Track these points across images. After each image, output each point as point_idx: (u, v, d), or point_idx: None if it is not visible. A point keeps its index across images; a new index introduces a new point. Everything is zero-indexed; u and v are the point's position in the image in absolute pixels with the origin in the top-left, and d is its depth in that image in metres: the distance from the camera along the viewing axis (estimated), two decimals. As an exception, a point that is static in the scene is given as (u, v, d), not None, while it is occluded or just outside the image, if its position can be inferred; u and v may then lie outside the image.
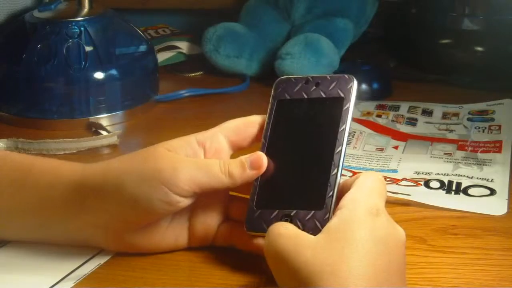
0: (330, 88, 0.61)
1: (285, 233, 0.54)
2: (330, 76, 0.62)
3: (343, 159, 0.59)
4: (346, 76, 0.62)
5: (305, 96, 0.62)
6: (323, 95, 0.61)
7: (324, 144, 0.60)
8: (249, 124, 0.62)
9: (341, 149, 0.59)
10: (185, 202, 0.59)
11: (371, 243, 0.52)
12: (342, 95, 0.61)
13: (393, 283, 0.51)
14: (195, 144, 0.61)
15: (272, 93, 0.63)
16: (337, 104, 0.61)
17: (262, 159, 0.60)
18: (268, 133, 0.62)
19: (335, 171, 0.58)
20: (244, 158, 0.60)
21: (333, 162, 0.58)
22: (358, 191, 0.56)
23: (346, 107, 0.60)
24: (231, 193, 0.64)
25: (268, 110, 0.63)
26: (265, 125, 0.62)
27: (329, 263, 0.50)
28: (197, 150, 0.61)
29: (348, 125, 0.60)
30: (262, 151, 0.61)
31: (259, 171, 0.60)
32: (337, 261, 0.50)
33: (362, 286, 0.49)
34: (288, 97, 0.63)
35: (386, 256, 0.52)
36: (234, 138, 0.62)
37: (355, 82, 0.61)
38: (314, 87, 0.62)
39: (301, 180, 0.60)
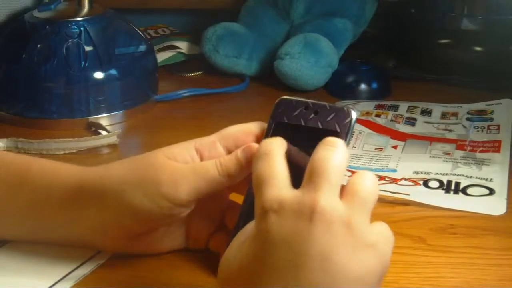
0: (328, 119, 0.58)
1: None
2: (329, 106, 0.58)
3: None
4: (345, 109, 0.58)
5: (302, 123, 0.59)
6: (320, 126, 0.58)
7: None
8: (248, 133, 0.61)
9: None
10: (187, 210, 0.60)
11: None
12: (338, 129, 0.57)
13: None
14: (193, 152, 0.61)
15: (272, 112, 0.60)
16: None
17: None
18: None
19: None
20: (239, 152, 0.59)
21: None
22: None
23: None
24: (231, 197, 0.65)
25: (266, 129, 0.60)
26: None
27: None
28: (195, 158, 0.61)
29: None
30: None
31: None
32: None
33: None
34: (286, 121, 0.59)
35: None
36: (233, 148, 0.61)
37: (354, 117, 0.57)
38: (312, 115, 0.58)
39: None
